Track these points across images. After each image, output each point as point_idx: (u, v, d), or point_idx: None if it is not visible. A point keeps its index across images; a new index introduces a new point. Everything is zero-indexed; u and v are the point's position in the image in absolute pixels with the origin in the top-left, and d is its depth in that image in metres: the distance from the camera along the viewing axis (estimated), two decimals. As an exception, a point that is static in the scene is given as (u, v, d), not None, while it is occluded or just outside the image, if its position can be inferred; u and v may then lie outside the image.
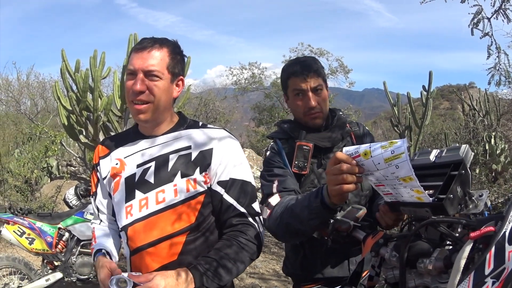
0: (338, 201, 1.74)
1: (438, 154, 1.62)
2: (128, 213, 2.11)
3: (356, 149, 1.54)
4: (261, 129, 25.67)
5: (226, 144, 2.19)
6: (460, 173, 1.48)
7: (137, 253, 2.10)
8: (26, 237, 5.36)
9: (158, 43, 2.11)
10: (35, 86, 20.46)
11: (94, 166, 2.36)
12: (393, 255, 1.56)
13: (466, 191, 1.50)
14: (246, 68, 28.11)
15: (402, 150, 1.37)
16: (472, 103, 15.07)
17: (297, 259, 2.68)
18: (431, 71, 9.20)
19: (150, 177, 2.12)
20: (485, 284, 1.12)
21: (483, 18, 4.46)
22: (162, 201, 2.07)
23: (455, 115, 28.00)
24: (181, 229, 2.07)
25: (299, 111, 2.59)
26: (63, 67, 7.40)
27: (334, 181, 1.63)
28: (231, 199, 2.11)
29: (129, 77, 2.09)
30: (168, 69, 2.11)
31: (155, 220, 2.06)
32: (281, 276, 6.76)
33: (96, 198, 2.35)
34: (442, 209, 1.43)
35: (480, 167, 10.77)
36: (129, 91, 2.08)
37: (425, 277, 1.45)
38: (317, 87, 2.52)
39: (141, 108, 2.08)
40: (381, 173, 1.47)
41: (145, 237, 2.07)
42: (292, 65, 2.59)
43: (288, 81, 2.60)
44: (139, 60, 2.06)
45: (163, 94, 2.11)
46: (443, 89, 62.88)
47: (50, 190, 10.90)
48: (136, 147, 2.22)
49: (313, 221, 1.91)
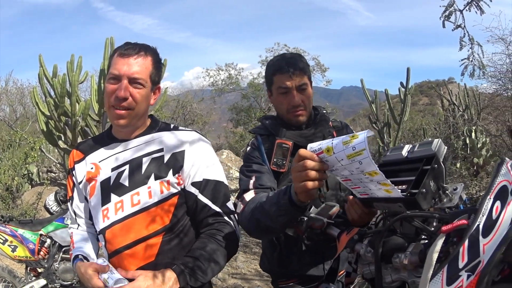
0: (304, 198, 1.73)
1: (411, 149, 1.62)
2: (105, 216, 2.12)
3: (319, 145, 1.53)
4: (239, 130, 25.76)
5: (198, 145, 2.21)
6: (433, 167, 1.48)
7: (115, 255, 2.11)
8: (8, 244, 5.31)
9: (143, 51, 2.12)
10: (14, 93, 20.33)
11: (70, 171, 2.35)
12: (368, 250, 1.56)
13: (440, 185, 1.50)
14: (222, 69, 28.20)
15: (363, 147, 1.35)
16: (451, 98, 15.19)
17: (273, 255, 2.68)
18: (409, 68, 9.29)
19: (124, 180, 2.13)
20: (459, 277, 1.12)
21: (455, 11, 4.50)
22: (137, 203, 2.09)
23: (435, 110, 28.19)
24: (156, 230, 2.09)
25: (283, 108, 2.58)
26: (40, 73, 7.37)
27: (298, 178, 1.62)
28: (205, 199, 2.13)
29: (111, 81, 2.08)
30: (150, 78, 2.13)
31: (131, 222, 2.08)
32: (263, 276, 6.75)
33: (73, 202, 2.33)
34: (415, 203, 1.42)
35: (461, 162, 10.86)
36: (111, 96, 2.08)
37: (402, 272, 1.45)
38: (302, 85, 2.52)
39: (122, 113, 2.08)
40: (346, 169, 1.46)
41: (122, 239, 2.08)
42: (278, 62, 2.58)
43: (273, 77, 2.58)
44: (124, 66, 2.05)
45: (144, 101, 2.13)
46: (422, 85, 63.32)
47: (31, 197, 10.85)
48: (110, 151, 2.22)
49: (281, 217, 1.90)
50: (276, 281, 2.79)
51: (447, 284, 1.13)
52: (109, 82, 2.09)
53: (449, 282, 1.13)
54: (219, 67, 28.26)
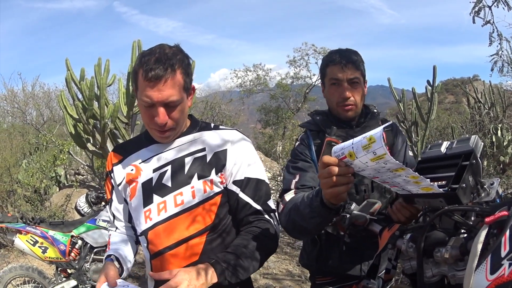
0: (335, 202, 1.75)
1: (449, 145, 1.65)
2: (147, 217, 2.13)
3: (342, 150, 1.53)
4: (267, 131, 25.74)
5: (240, 144, 2.21)
6: (471, 163, 1.51)
7: (158, 256, 2.12)
8: (39, 246, 5.35)
9: (170, 67, 1.98)
10: (41, 96, 20.56)
11: (108, 173, 2.35)
12: (410, 246, 1.58)
13: (478, 180, 1.53)
14: (250, 70, 28.19)
15: (383, 152, 1.35)
16: (477, 95, 15.03)
17: (313, 251, 2.70)
18: (435, 66, 9.18)
19: (167, 181, 2.13)
20: (502, 266, 1.14)
21: (484, 7, 4.49)
22: (180, 203, 2.09)
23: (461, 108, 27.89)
24: (200, 230, 2.10)
25: (333, 101, 2.58)
26: (68, 76, 7.44)
27: (325, 184, 1.63)
28: (246, 197, 2.14)
29: (146, 107, 2.03)
30: (184, 90, 2.07)
31: (174, 223, 2.09)
32: (294, 276, 6.78)
33: (112, 205, 2.35)
34: (456, 198, 1.45)
35: (488, 159, 10.76)
36: (150, 121, 2.06)
37: (442, 266, 1.47)
38: (354, 79, 2.52)
39: (165, 135, 2.11)
40: (373, 168, 1.47)
41: (165, 240, 2.09)
42: (332, 54, 2.59)
43: (326, 69, 2.59)
44: (155, 93, 1.96)
45: (183, 114, 2.11)
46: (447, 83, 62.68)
47: (59, 199, 10.93)
48: (150, 152, 2.23)
49: (314, 219, 1.92)
50: (314, 277, 2.82)
51: (490, 273, 1.16)
52: (146, 110, 2.04)
53: (493, 271, 1.15)
54: (247, 68, 28.31)
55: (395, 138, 2.69)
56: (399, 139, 2.70)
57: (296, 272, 6.96)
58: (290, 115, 24.90)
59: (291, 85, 27.46)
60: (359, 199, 2.35)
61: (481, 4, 4.43)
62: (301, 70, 27.10)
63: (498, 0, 4.36)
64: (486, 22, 4.54)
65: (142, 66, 1.99)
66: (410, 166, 2.06)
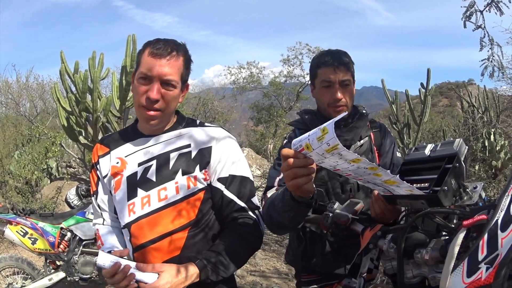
0: (300, 194, 1.74)
1: (433, 148, 1.67)
2: (131, 210, 2.13)
3: (300, 142, 1.52)
4: (259, 128, 25.75)
5: (224, 142, 2.22)
6: (454, 166, 1.53)
7: (140, 249, 2.12)
8: (29, 237, 5.37)
9: (176, 50, 2.08)
10: (35, 88, 20.44)
11: (94, 165, 2.35)
12: (391, 246, 1.60)
13: (461, 183, 1.55)
14: (244, 67, 28.12)
15: (336, 142, 1.33)
16: (471, 99, 15.06)
17: (298, 249, 2.71)
18: (429, 69, 9.22)
19: (151, 175, 2.14)
20: (479, 269, 1.15)
21: (475, 11, 4.51)
22: (164, 198, 2.10)
23: (454, 112, 27.97)
24: (183, 225, 2.10)
25: (324, 102, 2.59)
26: (62, 69, 7.43)
27: (287, 177, 1.64)
28: (231, 194, 2.15)
29: (142, 81, 2.06)
30: (181, 78, 2.12)
31: (157, 217, 2.09)
32: (281, 274, 6.79)
33: (97, 196, 2.34)
34: (437, 201, 1.47)
35: (479, 164, 10.80)
36: (141, 96, 2.06)
37: (423, 267, 1.49)
38: (345, 81, 2.53)
39: (153, 114, 2.08)
40: (331, 160, 1.46)
41: (148, 234, 2.09)
42: (324, 55, 2.60)
43: (318, 70, 2.59)
44: (157, 67, 2.02)
45: (174, 102, 2.13)
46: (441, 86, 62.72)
47: (50, 191, 10.94)
48: (136, 146, 2.23)
49: (287, 213, 1.93)
50: (299, 274, 2.82)
51: (467, 276, 1.17)
52: (139, 82, 2.07)
53: (469, 274, 1.17)
54: (241, 65, 28.24)
55: (383, 139, 2.71)
56: (387, 140, 2.71)
57: (284, 270, 6.97)
58: (282, 114, 24.89)
59: (284, 83, 27.42)
60: (345, 199, 2.36)
61: (472, 9, 4.45)
62: (294, 69, 27.09)
63: (490, 5, 4.38)
64: (477, 27, 4.56)
65: (149, 45, 2.09)
66: (397, 167, 2.06)
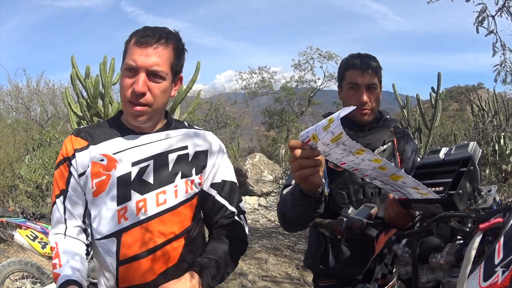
0: (308, 187, 1.72)
1: (447, 152, 1.66)
2: (122, 216, 1.91)
3: (307, 133, 1.50)
4: (271, 133, 25.75)
5: (217, 147, 2.15)
6: (469, 170, 1.52)
7: (130, 262, 1.91)
8: (38, 241, 5.34)
9: (164, 38, 1.90)
10: (45, 93, 20.51)
11: (66, 159, 2.00)
12: (406, 251, 1.59)
13: (475, 186, 1.54)
14: (255, 72, 28.24)
15: (340, 131, 1.32)
16: (481, 103, 15.00)
17: (317, 252, 2.68)
18: (440, 73, 9.19)
19: (148, 177, 1.95)
20: (495, 273, 1.15)
21: (487, 16, 4.51)
22: (163, 203, 1.94)
23: (464, 116, 27.85)
24: (180, 232, 1.98)
25: (350, 104, 2.49)
26: (73, 74, 7.46)
27: (293, 168, 1.60)
28: (223, 200, 2.10)
29: (127, 73, 1.89)
30: (171, 69, 1.93)
31: (155, 224, 1.92)
32: (293, 279, 6.75)
33: (67, 197, 1.99)
34: (452, 204, 1.46)
35: (490, 168, 10.74)
36: (127, 90, 1.88)
37: (437, 272, 1.48)
38: (372, 85, 2.55)
39: (141, 110, 1.89)
40: (336, 152, 1.44)
41: (143, 243, 1.90)
42: (352, 58, 2.62)
43: (346, 73, 2.61)
44: (142, 57, 1.85)
45: (163, 95, 1.95)
46: (451, 90, 62.47)
47: (60, 195, 10.92)
48: (126, 143, 2.00)
49: (296, 207, 1.91)
50: (317, 279, 2.80)
51: (484, 280, 1.16)
52: (125, 74, 1.89)
53: (486, 278, 1.16)
54: (252, 70, 28.36)
55: (406, 144, 2.71)
56: (410, 146, 2.72)
57: (295, 275, 6.93)
58: (294, 119, 24.93)
59: (296, 88, 27.50)
60: (366, 202, 2.36)
61: (484, 14, 4.44)
62: (306, 74, 27.16)
63: (501, 10, 4.37)
64: (490, 32, 4.55)
65: (136, 33, 1.93)
66: None
